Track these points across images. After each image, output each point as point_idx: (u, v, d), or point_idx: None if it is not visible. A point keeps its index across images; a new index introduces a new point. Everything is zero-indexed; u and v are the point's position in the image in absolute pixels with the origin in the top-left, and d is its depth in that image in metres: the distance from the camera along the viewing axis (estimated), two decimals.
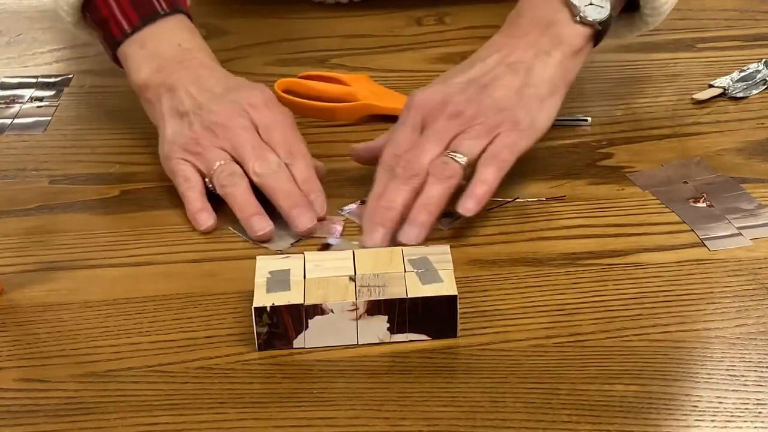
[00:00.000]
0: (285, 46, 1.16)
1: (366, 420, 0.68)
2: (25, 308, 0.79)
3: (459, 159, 0.84)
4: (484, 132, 0.85)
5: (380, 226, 0.83)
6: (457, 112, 0.86)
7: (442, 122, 0.86)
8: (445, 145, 0.85)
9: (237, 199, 0.85)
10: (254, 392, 0.71)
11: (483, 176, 0.84)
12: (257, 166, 0.86)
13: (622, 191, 0.90)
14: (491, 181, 0.84)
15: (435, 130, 0.86)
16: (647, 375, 0.71)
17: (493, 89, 0.87)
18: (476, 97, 0.87)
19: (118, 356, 0.74)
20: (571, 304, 0.78)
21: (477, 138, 0.85)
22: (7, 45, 1.19)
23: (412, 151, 0.85)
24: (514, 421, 0.68)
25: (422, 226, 0.82)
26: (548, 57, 0.90)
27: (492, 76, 0.89)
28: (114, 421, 0.68)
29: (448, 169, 0.84)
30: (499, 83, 0.88)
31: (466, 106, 0.86)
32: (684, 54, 1.11)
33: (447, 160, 0.84)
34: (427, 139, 0.85)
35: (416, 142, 0.86)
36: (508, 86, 0.88)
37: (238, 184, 0.86)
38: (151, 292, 0.80)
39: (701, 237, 0.84)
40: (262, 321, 0.73)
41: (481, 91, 0.88)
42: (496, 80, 0.88)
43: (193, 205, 0.87)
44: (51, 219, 0.89)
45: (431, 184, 0.83)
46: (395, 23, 1.20)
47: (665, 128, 0.99)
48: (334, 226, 0.86)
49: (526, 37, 0.91)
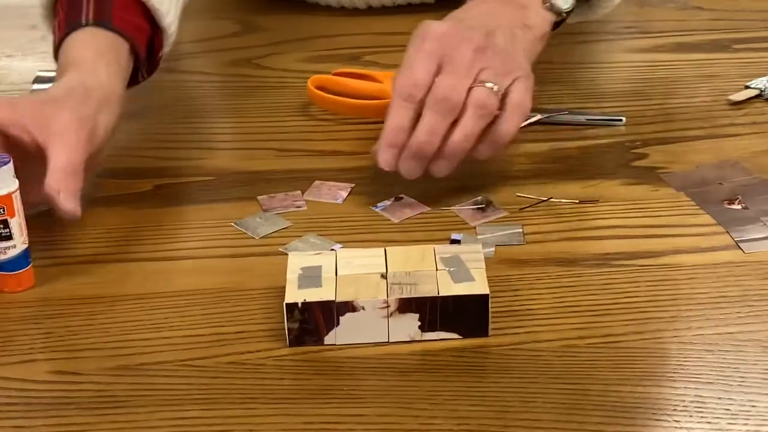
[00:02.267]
0: (318, 42, 1.16)
1: (396, 418, 0.68)
2: (58, 301, 0.79)
3: (496, 91, 0.84)
4: (506, 71, 0.86)
5: (420, 160, 0.84)
6: (482, 47, 0.86)
7: (470, 54, 0.85)
8: (475, 77, 0.85)
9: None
10: (284, 388, 0.71)
11: (510, 125, 0.85)
12: None
13: (656, 192, 0.90)
14: (515, 130, 0.85)
15: (463, 61, 0.85)
16: (680, 377, 0.70)
17: (495, 37, 0.88)
18: (490, 40, 0.87)
19: (149, 350, 0.74)
20: (604, 304, 0.77)
21: (503, 75, 0.85)
22: (42, 39, 1.19)
23: (448, 82, 0.84)
24: (545, 421, 0.67)
25: (457, 159, 0.85)
26: (526, 32, 0.91)
27: (491, 27, 0.89)
28: (145, 415, 0.69)
29: (489, 102, 0.84)
30: (498, 34, 0.88)
31: (487, 42, 0.86)
32: (720, 54, 1.10)
33: (488, 92, 0.84)
34: (458, 70, 0.85)
35: (447, 72, 0.85)
36: (505, 39, 0.88)
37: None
38: (183, 286, 0.80)
39: (736, 239, 0.83)
40: (294, 317, 0.73)
41: (490, 35, 0.87)
42: (495, 31, 0.88)
43: None
44: (85, 213, 0.89)
45: (473, 117, 0.84)
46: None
47: (700, 129, 0.98)
48: (340, 192, 0.86)
49: (502, 9, 0.92)
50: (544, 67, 1.03)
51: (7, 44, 1.19)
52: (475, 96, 0.84)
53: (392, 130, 0.85)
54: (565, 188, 0.90)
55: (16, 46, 1.19)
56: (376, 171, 0.92)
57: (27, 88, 1.09)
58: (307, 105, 1.04)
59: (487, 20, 0.90)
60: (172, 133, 1.00)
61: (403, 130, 0.85)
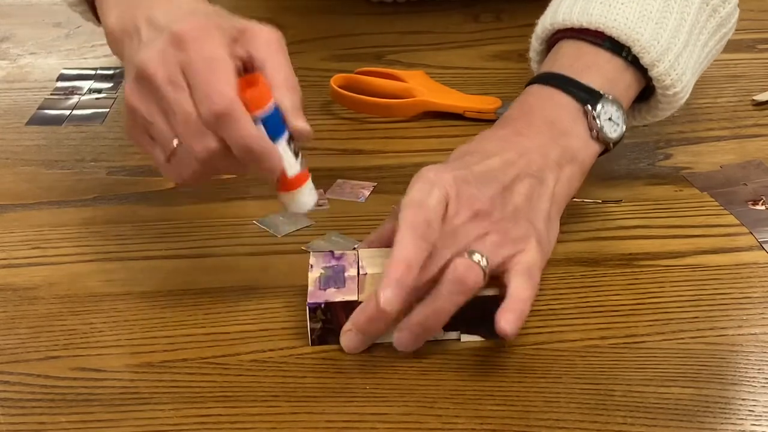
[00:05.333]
0: (341, 41, 1.16)
1: (418, 417, 0.68)
2: (81, 298, 0.79)
3: (484, 265, 0.70)
4: (511, 239, 0.73)
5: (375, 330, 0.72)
6: (485, 212, 0.73)
7: (466, 220, 0.73)
8: (464, 246, 0.71)
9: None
10: (307, 386, 0.71)
11: (522, 292, 0.71)
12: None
13: (680, 192, 0.89)
14: (530, 298, 0.71)
15: (456, 228, 0.72)
16: (703, 378, 0.70)
17: (512, 194, 0.75)
18: (501, 199, 0.74)
19: (173, 347, 0.74)
20: (627, 305, 0.77)
21: (504, 245, 0.72)
22: (66, 37, 1.21)
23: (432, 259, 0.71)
24: (568, 421, 0.67)
25: (421, 336, 0.72)
26: (560, 171, 0.78)
27: (510, 178, 0.75)
28: (168, 412, 0.69)
29: (469, 278, 0.70)
30: (517, 189, 0.75)
31: (493, 204, 0.74)
32: (744, 55, 1.10)
33: (470, 265, 0.70)
34: (446, 238, 0.72)
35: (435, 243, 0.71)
36: (526, 195, 0.75)
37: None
38: (206, 284, 0.80)
39: (760, 240, 0.83)
40: (316, 317, 0.73)
41: (504, 193, 0.75)
42: (515, 184, 0.75)
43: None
44: (108, 210, 0.90)
45: (449, 294, 0.70)
46: (452, 20, 1.19)
47: (725, 129, 0.98)
48: (362, 191, 0.86)
49: (538, 138, 0.78)
50: None
51: (31, 42, 1.19)
52: (456, 267, 0.70)
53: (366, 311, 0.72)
54: (589, 188, 0.89)
55: (40, 43, 1.19)
56: (400, 171, 0.92)
57: (50, 86, 1.09)
58: (330, 104, 1.04)
59: (513, 159, 0.76)
60: None
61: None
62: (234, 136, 0.70)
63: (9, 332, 0.76)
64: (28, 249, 0.85)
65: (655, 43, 0.82)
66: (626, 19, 0.82)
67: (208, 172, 0.73)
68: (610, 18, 0.82)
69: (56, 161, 0.97)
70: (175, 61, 0.70)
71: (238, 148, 0.70)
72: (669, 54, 0.83)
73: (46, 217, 0.89)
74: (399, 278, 0.69)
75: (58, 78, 1.11)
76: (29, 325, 0.77)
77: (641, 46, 0.82)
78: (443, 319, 0.71)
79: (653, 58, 0.82)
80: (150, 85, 0.71)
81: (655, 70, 0.83)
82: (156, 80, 0.70)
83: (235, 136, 0.70)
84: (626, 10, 0.83)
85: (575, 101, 0.81)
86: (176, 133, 0.71)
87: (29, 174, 0.95)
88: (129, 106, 0.73)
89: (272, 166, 0.72)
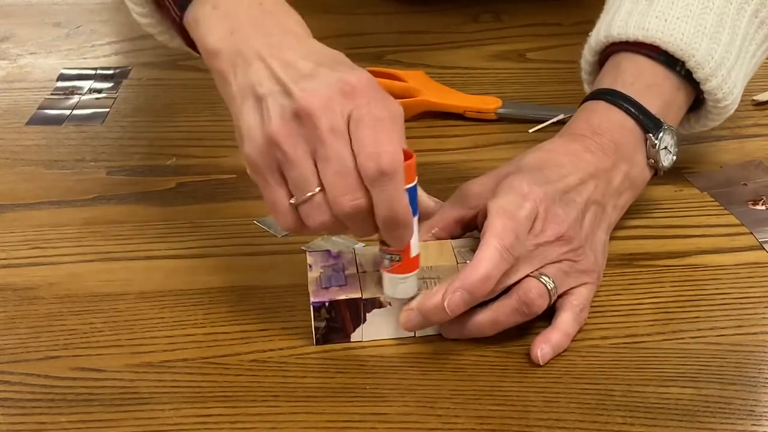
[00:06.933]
0: (341, 41, 1.15)
1: (418, 417, 0.68)
2: (81, 298, 0.79)
3: (552, 294, 0.73)
4: (578, 270, 0.75)
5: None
6: (568, 237, 0.74)
7: (552, 239, 0.74)
8: (541, 266, 0.73)
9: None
10: (307, 386, 0.71)
11: (567, 328, 0.73)
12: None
13: (680, 192, 0.90)
14: (571, 336, 0.73)
15: (540, 246, 0.73)
16: (703, 378, 0.70)
17: (584, 221, 0.76)
18: (578, 225, 0.76)
19: (173, 347, 0.74)
20: (627, 305, 0.77)
21: (571, 275, 0.74)
22: (66, 37, 1.21)
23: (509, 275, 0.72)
24: (568, 421, 0.67)
25: (472, 335, 0.74)
26: (618, 198, 0.80)
27: (584, 202, 0.77)
28: (168, 412, 0.69)
29: (537, 302, 0.72)
30: (587, 216, 0.77)
31: (575, 229, 0.75)
32: None
33: (542, 290, 0.72)
34: (528, 254, 0.73)
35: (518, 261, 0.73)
36: (591, 223, 0.77)
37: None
38: (207, 284, 0.80)
39: (760, 240, 0.83)
40: (321, 316, 0.73)
41: (579, 217, 0.76)
42: (587, 210, 0.77)
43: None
44: (108, 210, 0.90)
45: (513, 312, 0.72)
46: (452, 20, 1.19)
47: (724, 129, 0.98)
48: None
49: (605, 161, 0.79)
50: (567, 67, 1.03)
51: (31, 42, 1.19)
52: (525, 288, 0.72)
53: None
54: None
55: (40, 43, 1.19)
56: None
57: (50, 85, 1.10)
58: None
59: (585, 180, 0.77)
60: (196, 131, 1.00)
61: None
62: (388, 198, 0.68)
63: (9, 332, 0.76)
64: (28, 249, 0.85)
65: (710, 59, 0.83)
66: (682, 35, 0.83)
67: (336, 228, 0.70)
68: (667, 33, 0.83)
69: (56, 161, 0.97)
70: (343, 111, 0.68)
71: (387, 211, 0.68)
72: (722, 69, 0.83)
73: (46, 217, 0.89)
74: (472, 289, 0.70)
75: (58, 78, 1.11)
76: (29, 325, 0.77)
77: (696, 61, 0.83)
78: (498, 330, 0.73)
79: (707, 74, 0.83)
80: (309, 126, 0.68)
81: (709, 84, 0.83)
82: (319, 124, 0.68)
83: (389, 198, 0.68)
84: (682, 25, 0.83)
85: (639, 128, 0.81)
86: (323, 181, 0.68)
87: (29, 174, 0.95)
88: (272, 139, 0.69)
89: (405, 238, 0.70)
